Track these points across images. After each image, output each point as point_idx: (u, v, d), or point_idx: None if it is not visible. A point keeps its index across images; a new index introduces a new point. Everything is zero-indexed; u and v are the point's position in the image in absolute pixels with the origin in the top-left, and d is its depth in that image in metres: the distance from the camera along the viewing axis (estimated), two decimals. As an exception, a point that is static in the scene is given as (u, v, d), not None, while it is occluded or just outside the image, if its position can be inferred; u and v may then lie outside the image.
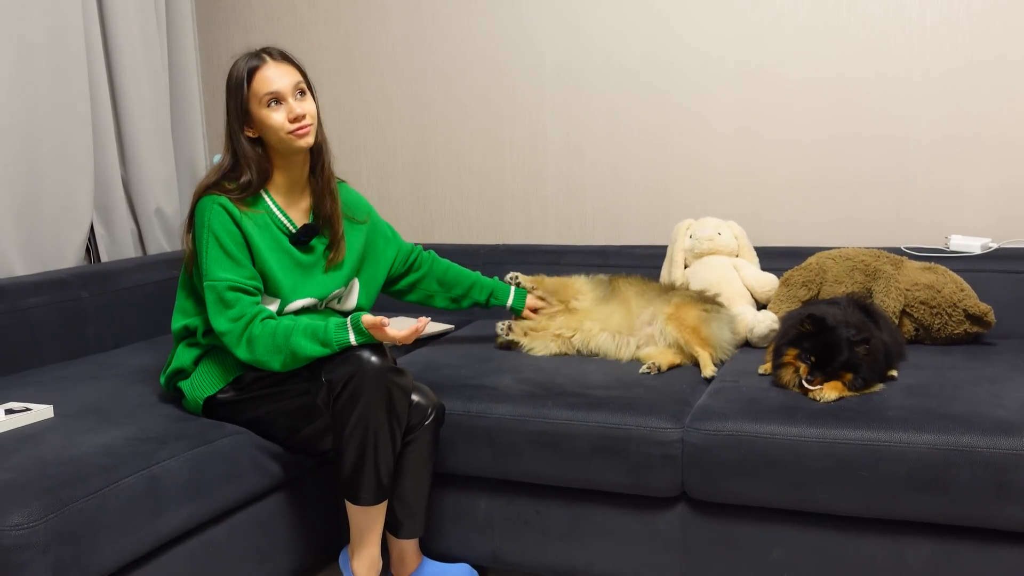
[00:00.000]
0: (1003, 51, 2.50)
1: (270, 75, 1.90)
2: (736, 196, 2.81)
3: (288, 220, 2.00)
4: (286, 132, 1.90)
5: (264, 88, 1.89)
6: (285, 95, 1.90)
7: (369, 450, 1.80)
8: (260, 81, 1.90)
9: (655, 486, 1.90)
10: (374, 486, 1.83)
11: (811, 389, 1.91)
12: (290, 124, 1.90)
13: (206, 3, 3.33)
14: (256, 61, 1.92)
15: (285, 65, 1.94)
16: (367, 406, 1.78)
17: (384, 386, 1.79)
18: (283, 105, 1.90)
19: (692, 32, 2.79)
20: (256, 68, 1.91)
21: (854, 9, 2.62)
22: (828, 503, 1.78)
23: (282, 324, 1.84)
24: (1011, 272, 2.41)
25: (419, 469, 1.95)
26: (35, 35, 2.59)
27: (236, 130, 1.93)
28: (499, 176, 3.07)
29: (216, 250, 1.88)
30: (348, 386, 1.78)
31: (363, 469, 1.81)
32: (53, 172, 2.67)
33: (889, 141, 2.64)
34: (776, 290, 2.48)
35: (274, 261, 1.95)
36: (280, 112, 1.90)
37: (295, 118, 1.90)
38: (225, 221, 1.89)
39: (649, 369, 2.16)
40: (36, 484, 1.54)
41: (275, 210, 1.99)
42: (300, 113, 1.90)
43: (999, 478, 1.65)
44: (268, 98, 1.90)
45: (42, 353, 2.41)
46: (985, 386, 1.93)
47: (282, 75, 1.91)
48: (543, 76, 2.97)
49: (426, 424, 1.94)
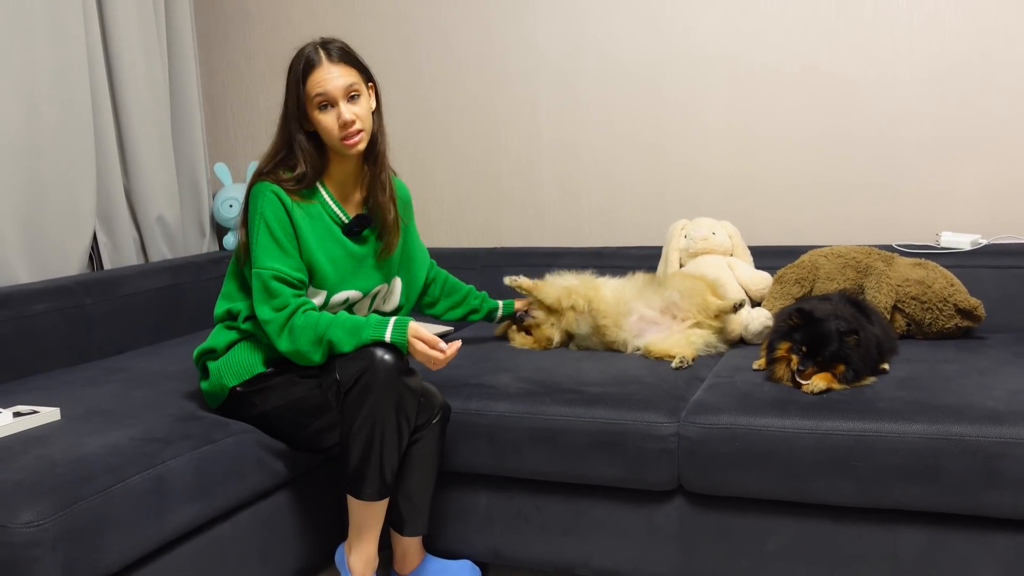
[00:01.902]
0: (989, 51, 2.54)
1: (323, 77, 1.90)
2: (730, 196, 2.85)
3: (342, 211, 2.02)
4: (336, 137, 1.92)
5: (315, 89, 1.90)
6: (336, 99, 1.90)
7: (375, 446, 1.83)
8: (313, 82, 1.91)
9: (652, 480, 1.93)
10: (378, 482, 1.86)
11: (802, 382, 1.94)
12: (339, 130, 1.91)
13: (206, 14, 3.37)
14: (314, 58, 1.92)
15: (340, 66, 1.92)
16: (376, 403, 1.80)
17: (394, 385, 1.81)
18: (333, 109, 1.91)
19: (686, 36, 2.83)
20: (311, 68, 1.91)
21: (844, 11, 2.66)
22: (822, 494, 1.81)
23: (324, 317, 1.87)
24: (1000, 268, 2.44)
25: (425, 467, 1.98)
26: (38, 45, 2.63)
27: (293, 124, 1.95)
28: (496, 179, 3.10)
29: (266, 237, 1.91)
30: (359, 382, 1.80)
31: (368, 464, 1.84)
32: (56, 181, 2.71)
33: (879, 140, 2.68)
34: (770, 288, 2.52)
35: (323, 252, 1.97)
36: (331, 115, 1.91)
37: (344, 124, 1.90)
38: (277, 209, 1.91)
39: (681, 364, 2.19)
40: (45, 483, 1.57)
41: (329, 201, 2.01)
42: (349, 119, 1.90)
43: (988, 466, 1.69)
44: (320, 100, 1.91)
45: (47, 359, 2.44)
46: (975, 378, 1.96)
47: (335, 77, 1.90)
48: (539, 80, 3.01)
49: (433, 423, 1.98)
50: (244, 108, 3.40)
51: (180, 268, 2.96)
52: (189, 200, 3.28)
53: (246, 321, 2.00)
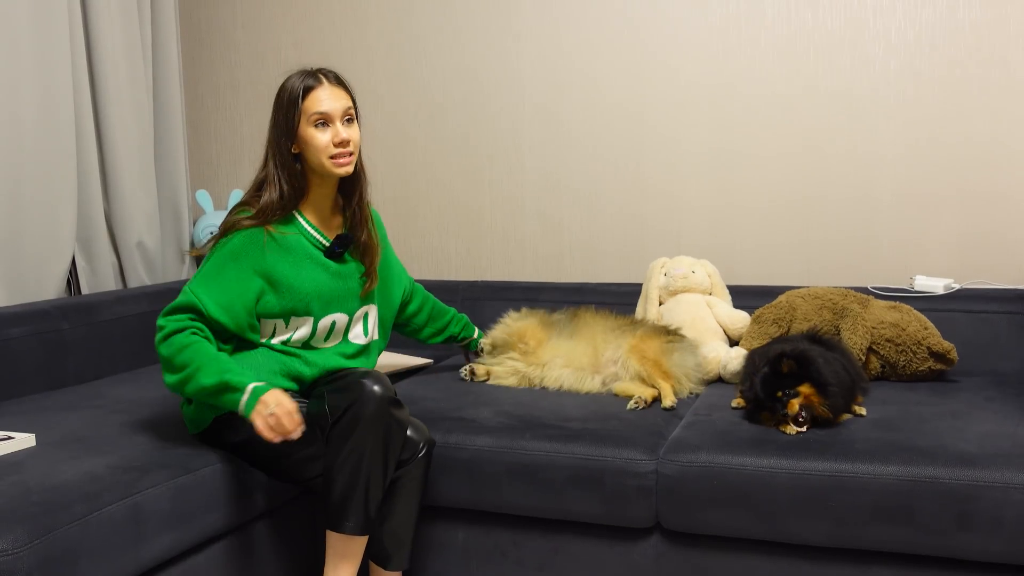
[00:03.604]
0: (963, 100, 2.61)
1: (323, 96, 1.95)
2: (709, 236, 2.89)
3: (321, 235, 2.05)
4: (328, 156, 1.95)
5: (315, 107, 1.94)
6: (334, 118, 1.96)
7: (361, 480, 1.81)
8: (312, 100, 1.95)
9: (630, 517, 1.94)
10: (362, 516, 1.84)
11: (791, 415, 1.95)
12: (334, 147, 1.95)
13: (192, 40, 3.39)
14: (312, 81, 1.97)
15: (338, 89, 1.99)
16: (364, 436, 1.80)
17: (383, 418, 1.81)
18: (330, 127, 1.95)
19: (668, 77, 2.88)
20: (311, 88, 1.96)
21: (822, 58, 2.73)
22: (798, 534, 1.83)
23: (205, 345, 1.85)
24: (972, 312, 2.49)
25: (409, 501, 1.98)
26: (23, 68, 2.63)
27: (282, 143, 1.97)
28: (478, 213, 3.13)
29: (215, 268, 1.93)
30: (348, 413, 1.80)
31: (352, 498, 1.82)
32: (37, 204, 2.70)
33: (856, 185, 2.73)
34: (748, 327, 2.55)
35: (307, 281, 1.99)
36: (326, 133, 1.95)
37: (340, 142, 1.95)
38: (249, 252, 1.93)
39: (636, 404, 2.20)
40: (20, 511, 1.55)
41: (307, 227, 2.03)
42: (345, 138, 1.95)
43: (961, 508, 1.71)
44: (317, 118, 1.94)
45: (23, 383, 2.42)
46: (948, 421, 2.00)
47: (334, 98, 1.96)
48: (523, 115, 3.05)
49: (418, 458, 1.98)
50: (228, 135, 3.41)
51: (159, 294, 2.94)
52: (169, 226, 3.28)
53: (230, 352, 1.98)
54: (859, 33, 2.68)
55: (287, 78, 2.00)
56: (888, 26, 2.66)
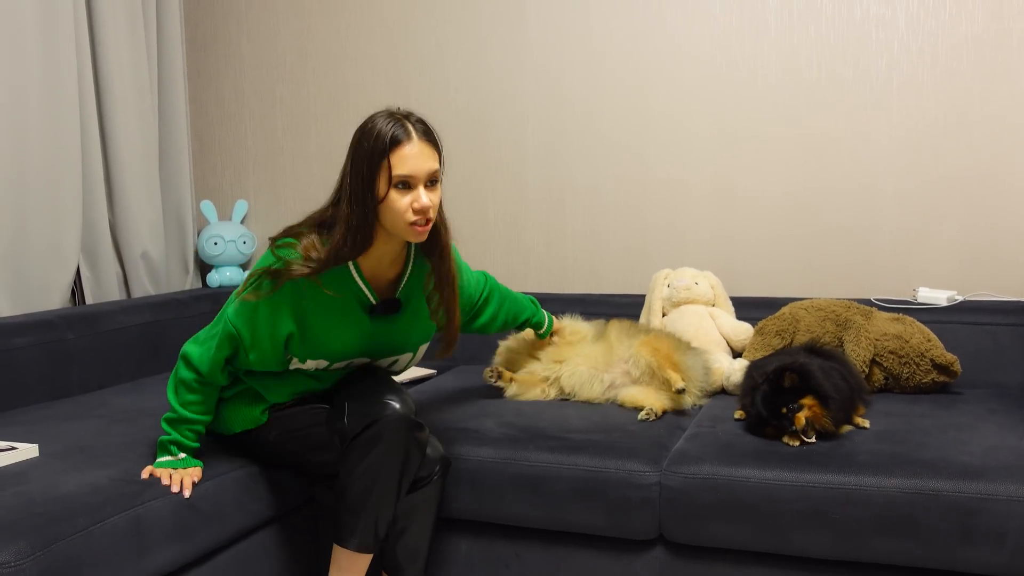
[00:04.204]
0: (965, 111, 2.62)
1: (411, 154, 1.77)
2: (712, 247, 2.89)
3: (371, 292, 1.91)
4: (406, 221, 1.79)
5: (400, 168, 1.76)
6: (419, 181, 1.79)
7: (372, 500, 1.80)
8: (399, 158, 1.76)
9: (633, 529, 1.94)
10: (370, 536, 1.83)
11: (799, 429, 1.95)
12: (412, 214, 1.78)
13: (197, 51, 3.40)
14: (400, 132, 1.77)
15: (427, 147, 1.81)
16: (382, 456, 1.78)
17: (404, 440, 1.80)
18: (411, 192, 1.78)
19: (671, 90, 2.89)
20: (399, 142, 1.77)
21: (824, 70, 2.73)
22: (801, 546, 1.83)
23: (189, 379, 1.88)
24: (976, 324, 2.49)
25: (424, 520, 1.97)
26: (29, 78, 2.64)
27: (367, 197, 1.78)
28: (481, 223, 3.13)
29: (250, 303, 1.82)
30: (369, 430, 1.78)
31: (361, 516, 1.81)
32: (41, 214, 2.70)
33: (859, 196, 2.74)
34: (751, 339, 2.55)
35: (338, 338, 1.88)
36: (407, 197, 1.78)
37: (420, 209, 1.78)
38: (282, 294, 1.81)
39: (648, 415, 2.19)
40: (23, 522, 1.55)
41: (360, 284, 1.89)
42: (426, 205, 1.78)
43: (964, 521, 1.71)
44: (399, 179, 1.77)
45: (27, 393, 2.42)
46: (952, 433, 1.99)
47: (422, 159, 1.78)
48: (526, 125, 3.05)
49: (434, 479, 1.97)
50: (232, 146, 3.42)
51: (163, 305, 2.95)
52: (174, 236, 3.29)
53: (245, 374, 1.96)
54: (862, 45, 2.69)
55: (370, 119, 1.81)
56: (891, 38, 2.67)
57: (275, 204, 3.37)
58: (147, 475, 1.81)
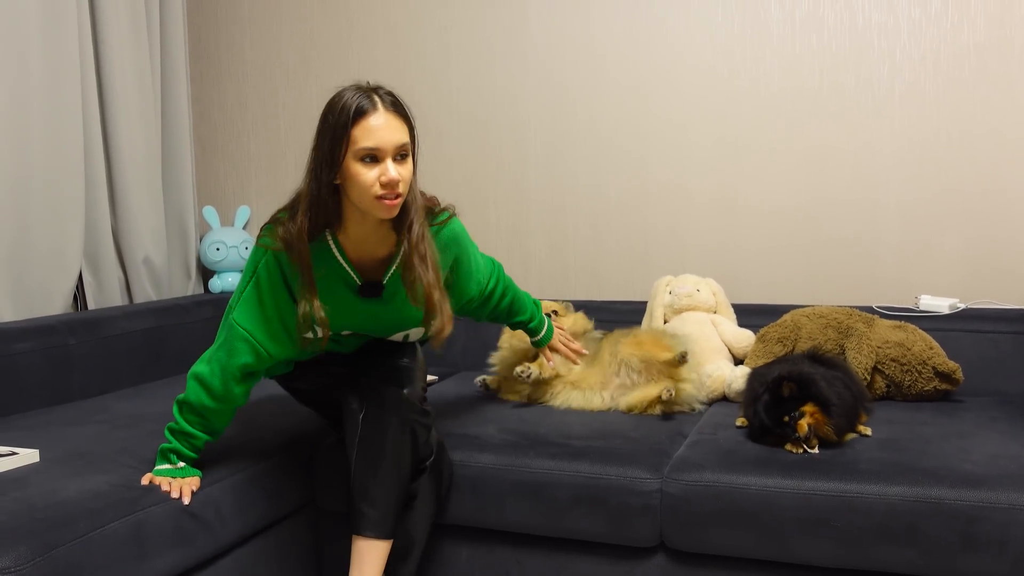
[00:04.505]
0: (967, 121, 2.62)
1: (376, 126, 1.70)
2: (714, 254, 2.89)
3: (354, 272, 1.86)
4: (372, 195, 1.71)
5: (364, 140, 1.69)
6: (385, 154, 1.71)
7: (381, 483, 1.84)
8: (363, 130, 1.69)
9: (634, 536, 1.93)
10: (387, 521, 1.86)
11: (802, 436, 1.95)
12: (380, 188, 1.71)
13: (200, 57, 3.41)
14: (365, 103, 1.71)
15: (395, 118, 1.73)
16: (387, 438, 1.85)
17: (407, 423, 1.86)
18: (379, 165, 1.71)
19: (673, 98, 2.89)
20: (364, 113, 1.70)
21: (826, 79, 2.73)
22: (802, 554, 1.82)
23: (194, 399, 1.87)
24: (978, 332, 2.49)
25: (418, 516, 1.97)
26: (32, 83, 2.65)
27: (322, 173, 1.73)
28: (483, 230, 3.13)
29: (253, 298, 1.83)
30: (375, 416, 1.86)
31: (373, 502, 1.84)
32: (44, 219, 2.71)
33: (861, 204, 2.74)
34: (752, 346, 2.55)
35: (333, 308, 1.84)
36: (374, 171, 1.70)
37: (388, 183, 1.70)
38: (275, 276, 1.80)
39: (669, 393, 2.24)
40: (24, 528, 1.55)
41: (341, 262, 1.84)
42: (394, 178, 1.70)
43: (966, 529, 1.70)
44: (365, 152, 1.70)
45: (28, 398, 2.42)
46: (953, 441, 1.99)
47: (389, 130, 1.71)
48: (527, 132, 3.06)
49: (428, 464, 1.97)
50: (235, 152, 3.43)
51: (165, 310, 2.95)
52: (176, 242, 3.29)
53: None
54: (863, 54, 2.69)
55: (337, 93, 1.75)
56: (893, 47, 2.67)
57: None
58: (147, 482, 1.81)
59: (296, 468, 2.12)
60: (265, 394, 2.42)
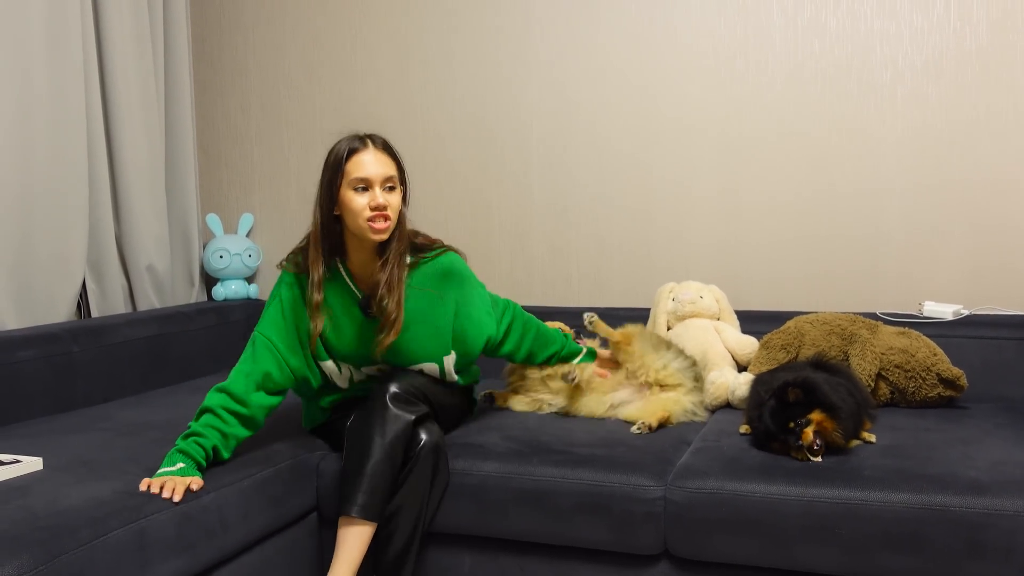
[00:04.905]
0: (971, 126, 2.62)
1: (366, 160, 2.00)
2: (717, 261, 2.89)
3: (356, 288, 2.11)
4: (364, 218, 1.99)
5: (356, 171, 1.99)
6: (373, 183, 2.00)
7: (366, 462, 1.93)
8: (355, 163, 2.00)
9: (638, 543, 1.93)
10: (373, 503, 1.92)
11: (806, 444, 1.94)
12: (369, 211, 1.99)
13: (204, 66, 3.42)
14: (357, 144, 2.02)
15: (383, 155, 2.04)
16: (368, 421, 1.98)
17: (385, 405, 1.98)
18: (369, 192, 1.99)
19: (675, 104, 2.90)
20: (355, 151, 2.01)
21: (829, 85, 2.74)
22: (807, 561, 1.81)
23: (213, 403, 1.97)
24: (982, 338, 2.48)
25: (408, 515, 1.97)
26: (36, 91, 2.66)
27: (324, 203, 2.03)
28: (486, 237, 3.14)
29: (276, 311, 2.07)
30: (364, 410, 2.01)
31: (357, 481, 1.92)
32: (48, 227, 2.71)
33: (864, 210, 2.73)
34: (756, 353, 2.54)
35: (347, 337, 2.11)
36: (364, 197, 1.99)
37: (376, 207, 1.98)
38: (296, 295, 2.07)
39: (640, 429, 2.20)
40: (27, 536, 1.54)
41: (348, 282, 2.11)
42: (382, 203, 1.99)
43: (971, 537, 1.70)
44: (357, 182, 1.99)
45: (32, 406, 2.42)
46: (958, 448, 1.98)
47: (377, 164, 2.01)
48: (530, 140, 3.06)
49: (420, 454, 1.98)
50: (238, 160, 3.43)
51: (168, 318, 2.95)
52: (180, 250, 3.30)
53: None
54: (866, 60, 2.69)
55: (338, 141, 2.05)
56: (895, 53, 2.67)
57: (280, 218, 3.38)
58: (144, 487, 1.81)
59: (300, 476, 2.11)
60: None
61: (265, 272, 3.41)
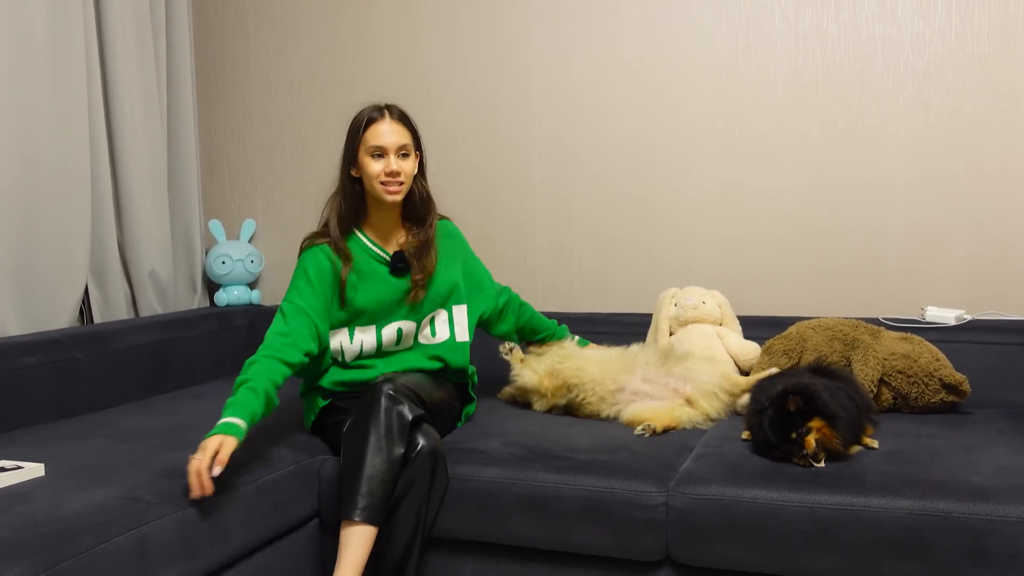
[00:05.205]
0: (972, 132, 2.62)
1: (382, 130, 2.19)
2: (720, 266, 2.88)
3: (382, 250, 2.28)
4: (379, 182, 2.19)
5: (373, 139, 2.19)
6: (388, 151, 2.19)
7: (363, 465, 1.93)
8: (372, 132, 2.20)
9: (640, 550, 1.92)
10: (373, 506, 1.91)
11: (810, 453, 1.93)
12: (384, 176, 2.18)
13: (206, 71, 3.43)
14: (376, 114, 2.22)
15: (398, 125, 2.22)
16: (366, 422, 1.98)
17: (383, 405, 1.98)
18: (384, 159, 2.19)
19: (678, 108, 2.90)
20: (373, 120, 2.21)
21: (831, 89, 2.74)
22: (810, 568, 1.81)
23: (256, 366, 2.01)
24: (985, 343, 2.47)
25: (407, 520, 1.97)
26: (38, 96, 2.66)
27: (345, 167, 2.24)
28: (489, 243, 3.13)
29: (302, 280, 2.19)
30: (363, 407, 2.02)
31: (356, 485, 1.92)
32: (51, 233, 2.72)
33: (866, 215, 2.73)
34: (758, 358, 2.54)
35: (371, 292, 2.24)
36: (380, 163, 2.19)
37: (390, 172, 2.18)
38: (320, 262, 2.20)
39: (644, 431, 2.19)
40: (28, 543, 1.54)
41: (369, 244, 2.27)
42: (395, 169, 2.18)
43: (974, 543, 1.69)
44: (374, 149, 2.19)
45: (34, 412, 2.42)
46: (961, 454, 1.98)
47: (392, 133, 2.20)
48: (533, 145, 3.06)
49: (417, 458, 1.98)
50: (240, 166, 3.44)
51: (170, 324, 2.96)
52: (182, 256, 3.30)
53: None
54: (868, 65, 2.69)
55: (360, 110, 2.24)
56: (897, 58, 2.67)
57: (283, 223, 3.38)
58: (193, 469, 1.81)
59: (302, 481, 2.11)
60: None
61: (268, 278, 3.41)
